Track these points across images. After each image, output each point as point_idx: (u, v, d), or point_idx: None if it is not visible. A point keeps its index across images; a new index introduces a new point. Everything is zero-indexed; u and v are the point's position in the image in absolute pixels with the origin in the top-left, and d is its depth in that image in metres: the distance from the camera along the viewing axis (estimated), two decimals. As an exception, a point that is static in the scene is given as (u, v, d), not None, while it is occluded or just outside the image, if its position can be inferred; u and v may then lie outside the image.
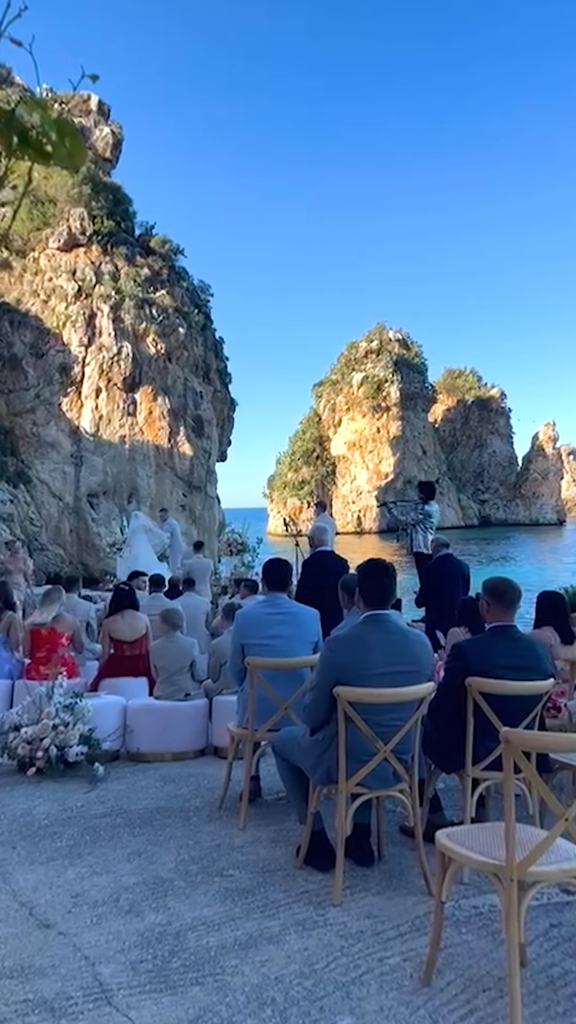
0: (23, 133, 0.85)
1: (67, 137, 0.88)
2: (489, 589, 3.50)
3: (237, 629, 4.17)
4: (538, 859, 2.25)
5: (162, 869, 3.19)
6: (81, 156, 0.92)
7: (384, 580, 3.29)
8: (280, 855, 3.42)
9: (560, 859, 2.32)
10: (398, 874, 3.22)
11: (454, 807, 3.96)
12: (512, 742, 2.29)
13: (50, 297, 33.17)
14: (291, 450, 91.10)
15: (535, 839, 2.39)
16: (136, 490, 34.56)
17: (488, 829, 2.55)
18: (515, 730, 2.35)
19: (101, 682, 6.03)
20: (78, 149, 0.91)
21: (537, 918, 2.82)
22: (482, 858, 2.32)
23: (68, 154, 0.89)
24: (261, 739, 3.96)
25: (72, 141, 0.90)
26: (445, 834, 2.51)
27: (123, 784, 4.51)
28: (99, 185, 33.78)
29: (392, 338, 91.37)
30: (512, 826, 2.28)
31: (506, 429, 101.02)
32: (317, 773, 3.18)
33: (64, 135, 0.88)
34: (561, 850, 2.36)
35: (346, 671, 3.07)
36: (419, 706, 3.16)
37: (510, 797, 2.29)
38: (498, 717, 3.28)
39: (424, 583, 7.16)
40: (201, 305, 38.53)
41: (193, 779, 4.64)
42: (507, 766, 2.31)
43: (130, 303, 33.60)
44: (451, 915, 2.82)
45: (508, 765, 2.30)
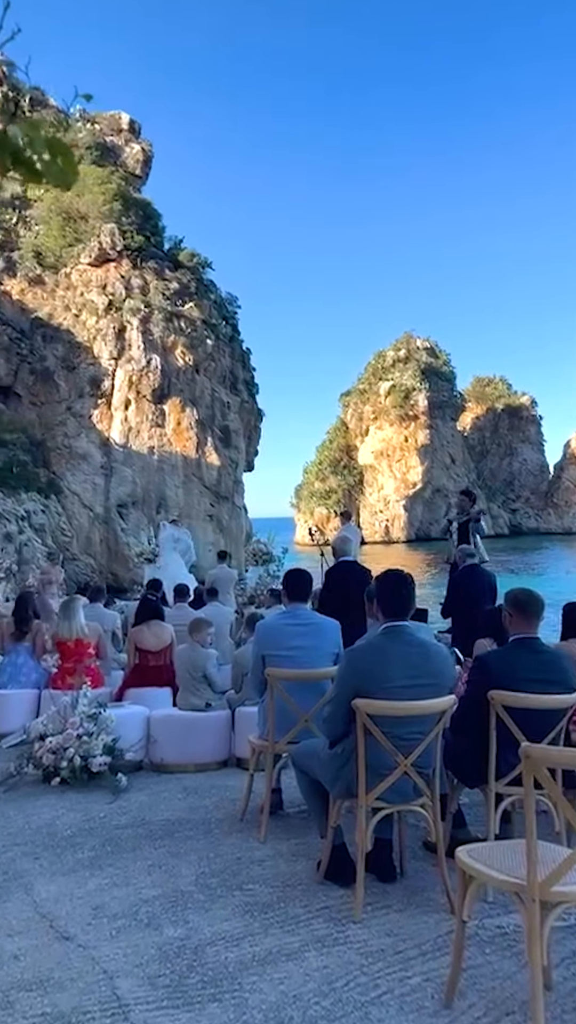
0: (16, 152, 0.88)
1: (59, 155, 0.90)
2: (511, 600, 3.45)
3: (257, 640, 4.17)
4: (562, 878, 2.19)
5: (182, 882, 3.19)
6: (73, 174, 0.93)
7: (403, 591, 3.26)
8: (300, 869, 3.38)
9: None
10: (420, 891, 3.16)
11: (479, 822, 3.89)
12: (533, 758, 2.24)
13: (81, 311, 33.86)
14: (318, 459, 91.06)
15: (559, 857, 2.33)
16: (164, 500, 34.91)
17: (510, 847, 2.49)
18: (536, 745, 2.30)
19: (126, 692, 6.08)
20: (70, 167, 0.93)
21: (563, 940, 2.74)
22: (503, 876, 2.27)
23: (60, 172, 0.91)
24: (282, 751, 3.94)
25: (64, 159, 0.92)
26: (466, 851, 2.46)
27: (146, 795, 4.52)
28: (129, 201, 34.46)
29: (420, 347, 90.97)
30: (534, 844, 2.22)
31: (537, 437, 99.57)
32: (336, 786, 3.15)
33: (56, 154, 0.90)
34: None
35: (365, 683, 3.05)
36: (440, 719, 3.11)
37: (531, 814, 2.24)
38: (521, 731, 3.21)
39: (450, 593, 7.05)
40: (228, 317, 38.95)
41: (215, 791, 4.63)
42: (527, 782, 2.25)
43: (159, 316, 34.11)
44: (474, 935, 2.75)
45: (528, 781, 2.24)
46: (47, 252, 33.68)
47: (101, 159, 34.79)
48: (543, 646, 3.39)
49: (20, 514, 28.57)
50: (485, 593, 6.75)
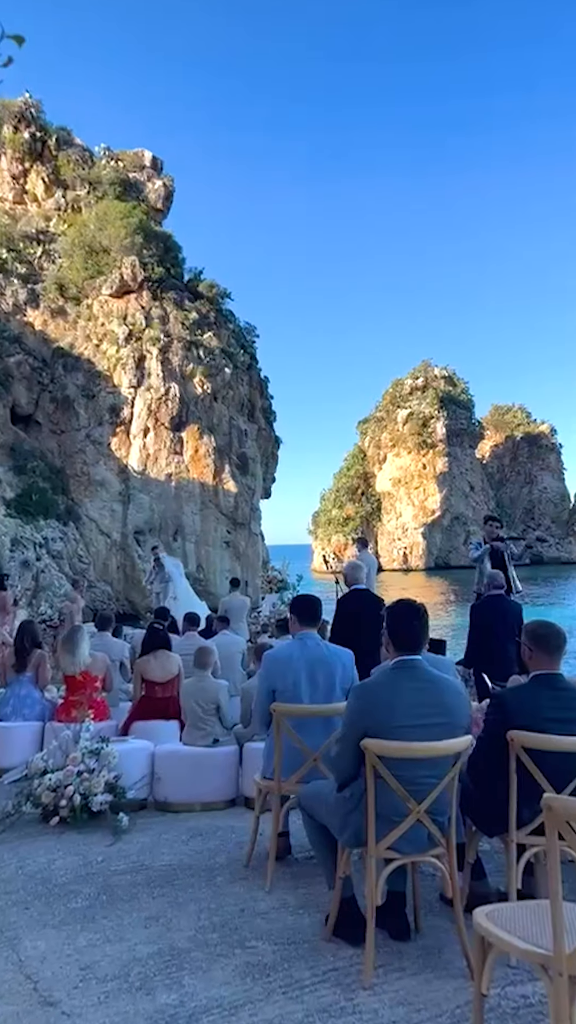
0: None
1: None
2: (530, 633, 3.24)
3: (265, 671, 3.98)
4: (592, 950, 1.96)
5: (179, 937, 2.97)
6: None
7: (415, 623, 3.07)
8: (307, 924, 3.15)
9: (618, 951, 2.02)
10: (437, 951, 2.91)
11: (500, 872, 3.62)
12: (556, 810, 2.03)
13: (102, 341, 34.42)
14: (336, 487, 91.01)
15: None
16: (181, 527, 34.94)
17: (535, 909, 2.26)
18: (560, 797, 2.08)
19: (132, 725, 5.89)
20: None
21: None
22: (526, 946, 2.04)
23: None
24: (289, 792, 3.72)
25: None
26: (485, 914, 2.24)
27: (147, 836, 4.31)
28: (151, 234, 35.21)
29: (438, 375, 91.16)
30: (560, 909, 2.00)
31: (557, 465, 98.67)
32: (345, 834, 2.93)
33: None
34: (619, 940, 2.05)
35: (374, 722, 2.85)
36: (456, 762, 2.90)
37: (556, 873, 2.02)
38: (544, 775, 2.99)
39: (472, 624, 6.71)
40: (247, 346, 39.36)
41: (220, 832, 4.40)
42: (551, 837, 2.04)
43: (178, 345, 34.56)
44: (496, 1005, 2.50)
45: (552, 837, 2.03)
46: (69, 284, 34.44)
47: (124, 194, 35.68)
48: (566, 683, 3.17)
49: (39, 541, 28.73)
50: (508, 625, 6.44)
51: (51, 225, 36.15)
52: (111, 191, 35.19)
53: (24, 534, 27.58)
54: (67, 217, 35.70)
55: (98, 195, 35.30)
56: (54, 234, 35.85)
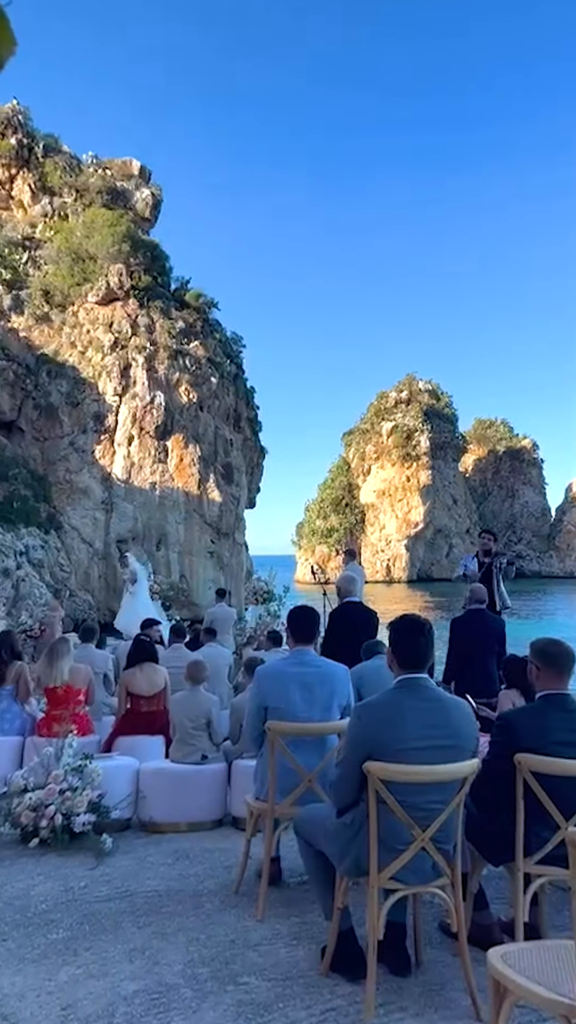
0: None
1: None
2: (539, 652, 3.12)
3: (258, 688, 3.82)
4: (618, 997, 1.83)
5: (167, 972, 2.79)
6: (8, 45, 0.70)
7: (421, 639, 2.94)
8: (303, 956, 2.98)
9: None
10: (439, 988, 2.76)
11: (499, 898, 3.49)
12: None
13: (87, 348, 34.19)
14: (320, 498, 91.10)
15: (611, 966, 1.97)
16: (165, 536, 34.65)
17: (553, 951, 2.12)
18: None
19: (116, 740, 5.68)
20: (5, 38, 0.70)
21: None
22: (549, 995, 1.90)
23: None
24: (282, 815, 3.55)
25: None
26: (500, 955, 2.09)
27: (132, 859, 4.11)
28: (138, 243, 35.12)
29: (422, 388, 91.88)
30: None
31: (539, 480, 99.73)
32: (344, 863, 2.78)
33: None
34: None
35: (378, 744, 2.70)
36: (462, 786, 2.76)
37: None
38: (552, 801, 2.87)
39: (452, 639, 6.55)
40: (233, 356, 39.35)
41: (208, 855, 4.22)
42: (575, 876, 1.91)
43: (164, 354, 34.43)
44: (506, 1048, 2.35)
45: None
46: (55, 291, 34.23)
47: (111, 203, 35.62)
48: (575, 704, 3.05)
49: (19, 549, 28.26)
50: (489, 641, 6.32)
51: (37, 232, 35.95)
52: (98, 199, 35.11)
53: (4, 542, 27.11)
54: (53, 224, 35.52)
55: (85, 203, 35.19)
56: (40, 241, 35.65)
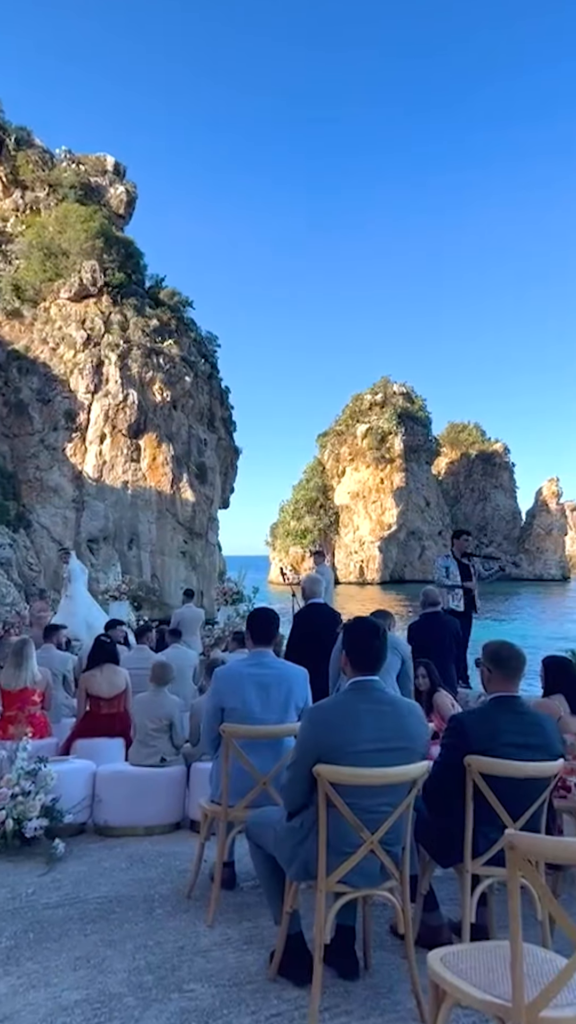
0: None
1: None
2: (490, 655, 3.14)
3: (214, 689, 3.78)
4: (553, 999, 1.83)
5: (111, 980, 2.74)
6: None
7: (375, 642, 2.94)
8: (252, 961, 2.96)
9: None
10: (387, 991, 2.76)
11: (452, 900, 3.50)
12: (520, 849, 1.90)
13: (59, 345, 33.73)
14: (294, 498, 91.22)
15: (549, 969, 1.98)
16: (137, 536, 34.34)
17: (492, 952, 2.13)
18: (523, 834, 1.97)
19: (74, 743, 5.59)
20: None
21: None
22: (484, 996, 1.90)
23: None
24: (236, 818, 3.52)
25: None
26: (440, 958, 2.09)
27: (84, 865, 4.04)
28: (111, 239, 34.78)
29: (397, 391, 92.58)
30: (520, 952, 1.87)
31: (510, 483, 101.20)
32: (293, 867, 2.76)
33: None
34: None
35: (328, 747, 2.69)
36: (412, 789, 2.76)
37: (517, 919, 1.89)
38: (501, 802, 2.89)
39: (409, 643, 6.58)
40: (208, 355, 39.20)
41: (163, 859, 4.17)
42: (512, 878, 1.91)
43: (138, 352, 34.13)
44: (448, 1050, 2.36)
45: (514, 878, 1.90)
46: (26, 286, 33.71)
47: (85, 198, 35.22)
48: (524, 706, 3.08)
49: (-14, 547, 27.73)
50: (446, 643, 6.38)
51: (9, 225, 35.39)
52: (71, 194, 34.69)
53: (-29, 539, 26.61)
54: (25, 218, 34.99)
55: (58, 197, 34.74)
56: (11, 235, 35.09)
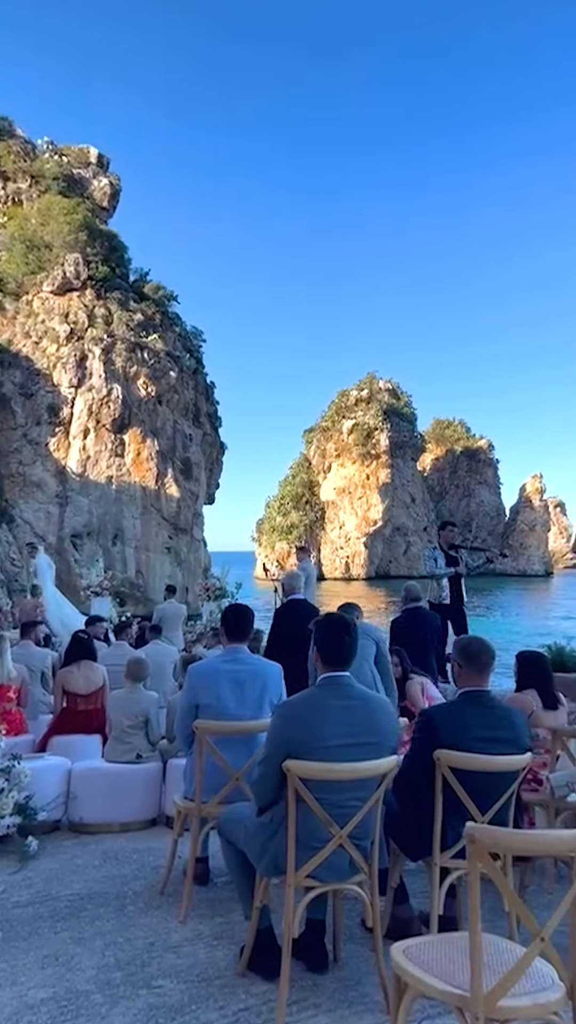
0: None
1: None
2: (460, 650, 3.17)
3: (188, 686, 3.78)
4: (510, 989, 1.86)
5: (80, 978, 2.73)
6: None
7: (345, 637, 2.94)
8: (222, 957, 2.96)
9: (536, 988, 1.92)
10: (355, 983, 2.77)
11: (424, 893, 3.53)
12: (479, 841, 1.92)
13: (42, 339, 33.41)
14: (280, 494, 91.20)
15: (509, 959, 2.00)
16: (121, 531, 34.18)
17: (452, 943, 2.15)
18: (482, 826, 1.98)
19: (50, 740, 5.56)
20: None
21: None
22: (444, 986, 1.92)
23: None
24: (210, 814, 3.52)
25: None
26: (403, 950, 2.11)
27: (57, 862, 4.02)
28: (95, 232, 34.48)
29: (382, 388, 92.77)
30: (479, 943, 1.89)
31: (494, 480, 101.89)
32: (263, 862, 2.76)
33: None
34: (537, 976, 1.96)
35: (298, 742, 2.69)
36: (381, 783, 2.78)
37: (476, 910, 1.91)
38: (470, 796, 2.91)
39: (392, 639, 6.60)
40: (193, 350, 39.03)
41: (138, 856, 4.16)
42: (473, 870, 1.93)
43: (122, 346, 33.90)
44: (413, 1042, 2.38)
45: (474, 870, 1.92)
46: (8, 279, 33.34)
47: (68, 190, 34.85)
48: (494, 701, 3.11)
49: (-33, 543, 27.49)
50: (428, 638, 6.42)
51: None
52: (54, 186, 34.32)
53: (-48, 535, 26.35)
54: (7, 210, 34.58)
55: (41, 189, 34.36)
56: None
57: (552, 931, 1.88)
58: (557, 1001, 1.88)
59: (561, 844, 1.94)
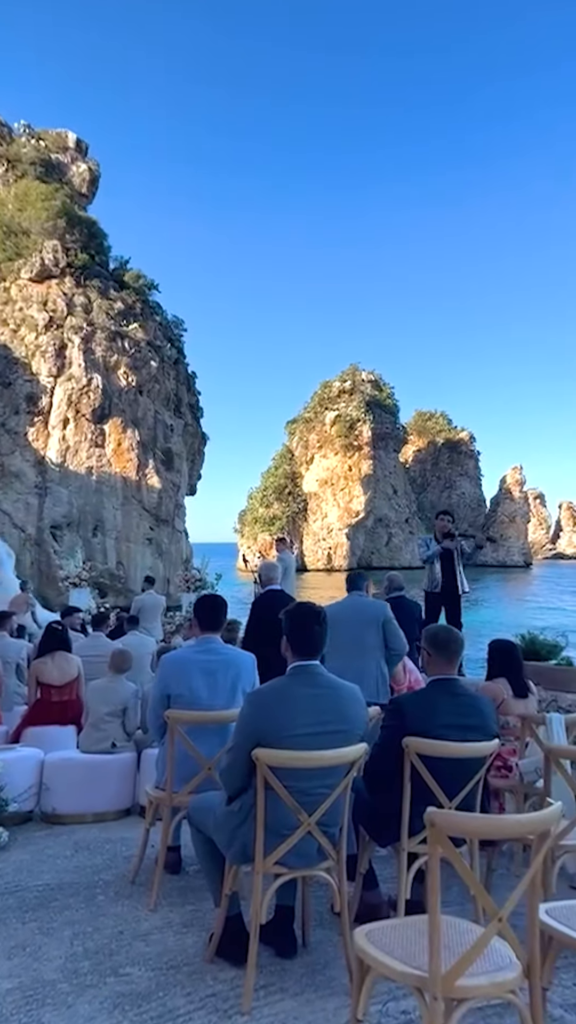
0: None
1: None
2: (430, 638, 3.19)
3: (160, 676, 3.77)
4: (467, 969, 1.89)
5: (47, 968, 2.72)
6: None
7: (316, 627, 2.95)
8: (191, 944, 2.97)
9: (493, 967, 1.96)
10: (322, 967, 2.80)
11: (394, 879, 3.57)
12: (439, 825, 1.94)
13: (20, 327, 32.92)
14: (263, 486, 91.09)
15: (469, 940, 2.03)
16: (102, 522, 33.93)
17: (414, 926, 2.17)
18: (442, 811, 2.01)
19: (24, 731, 5.52)
20: None
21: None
22: (403, 967, 1.94)
23: None
24: (181, 804, 3.52)
25: None
26: (365, 933, 2.13)
27: (28, 853, 4.01)
28: (74, 219, 33.98)
29: (365, 379, 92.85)
30: (437, 924, 1.91)
31: (475, 471, 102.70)
32: (232, 850, 2.78)
33: None
34: (495, 955, 1.99)
35: (267, 731, 2.70)
36: (349, 771, 2.80)
37: (435, 892, 1.93)
38: (437, 782, 2.95)
39: None
40: (174, 339, 38.71)
41: (110, 846, 4.16)
42: (433, 854, 1.95)
43: (102, 335, 33.52)
44: (376, 1023, 2.41)
45: (434, 854, 1.94)
46: (-15, 265, 32.77)
47: (46, 175, 34.27)
48: (462, 688, 3.14)
49: (-56, 534, 27.15)
50: (410, 627, 6.47)
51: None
52: (31, 171, 33.73)
53: None
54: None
55: (17, 174, 33.75)
56: (-31, 212, 34.04)
57: (509, 912, 1.91)
58: (513, 979, 1.92)
59: (518, 827, 1.97)
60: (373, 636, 5.04)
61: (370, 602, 5.29)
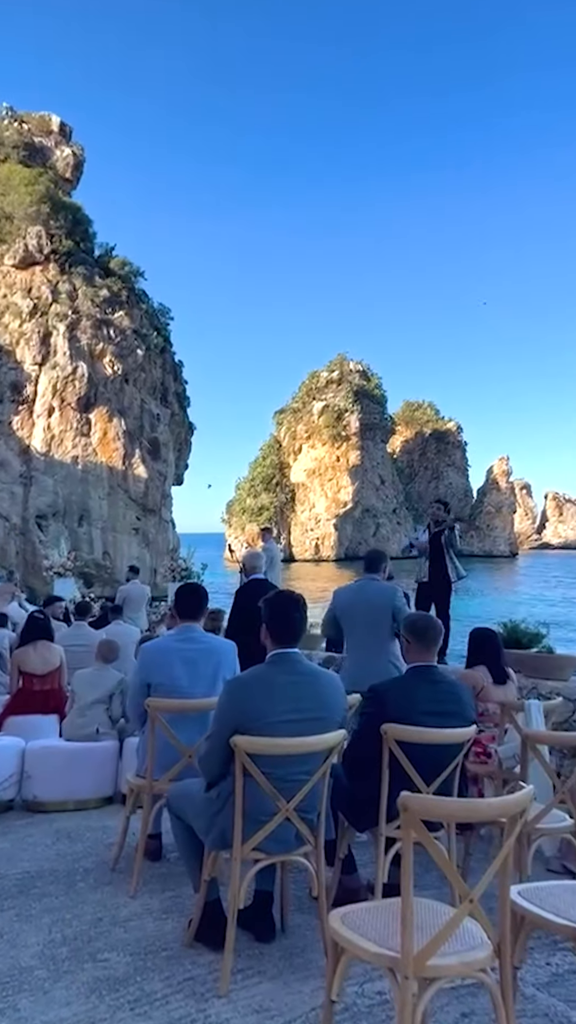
0: None
1: None
2: (409, 626, 3.22)
3: (140, 664, 3.77)
4: (438, 949, 1.91)
5: (24, 954, 2.73)
6: None
7: (295, 614, 2.96)
8: (170, 929, 2.99)
9: (465, 947, 1.98)
10: (300, 952, 2.83)
11: (373, 864, 3.61)
12: (412, 810, 1.96)
13: (3, 314, 32.53)
14: (251, 476, 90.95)
15: (441, 920, 2.05)
16: (88, 512, 33.74)
17: (388, 909, 2.19)
18: (416, 795, 2.02)
19: (6, 720, 5.50)
20: None
21: (448, 1005, 2.47)
22: (376, 948, 1.97)
23: None
24: (162, 791, 3.53)
25: None
26: (340, 916, 2.15)
27: (8, 841, 4.00)
28: (58, 205, 33.51)
29: (353, 369, 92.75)
30: (410, 905, 1.93)
31: (462, 462, 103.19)
32: (210, 836, 2.79)
33: None
34: (467, 936, 2.02)
35: (246, 718, 2.71)
36: (327, 757, 2.81)
37: (409, 875, 1.95)
38: (415, 768, 2.97)
39: None
40: (160, 328, 38.38)
41: (91, 833, 4.16)
42: (406, 837, 1.97)
43: (87, 323, 33.18)
44: (352, 1003, 2.45)
45: (407, 837, 1.96)
46: (-32, 250, 32.26)
47: (29, 159, 33.73)
48: (440, 675, 3.17)
49: None
50: None
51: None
52: (14, 155, 33.17)
53: None
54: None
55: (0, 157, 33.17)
56: (-48, 196, 33.45)
57: (481, 893, 1.93)
58: (484, 959, 1.94)
59: (489, 810, 1.99)
60: (385, 623, 4.84)
61: (381, 587, 5.09)
